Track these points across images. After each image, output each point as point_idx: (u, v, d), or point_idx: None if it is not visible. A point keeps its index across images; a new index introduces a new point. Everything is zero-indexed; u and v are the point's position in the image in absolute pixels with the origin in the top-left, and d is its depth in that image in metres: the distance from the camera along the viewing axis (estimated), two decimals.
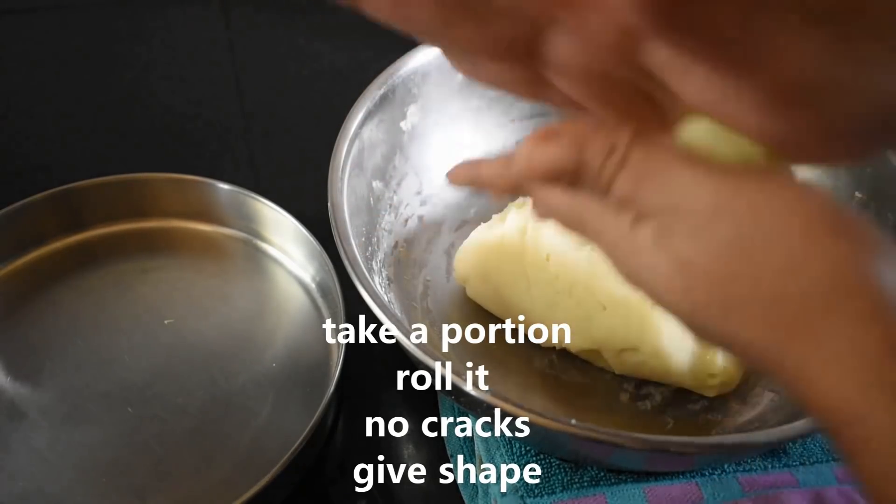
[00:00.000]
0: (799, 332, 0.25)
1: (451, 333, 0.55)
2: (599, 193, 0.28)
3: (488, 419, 0.47)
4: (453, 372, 0.43)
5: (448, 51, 0.28)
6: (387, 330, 0.45)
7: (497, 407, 0.42)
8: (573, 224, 0.30)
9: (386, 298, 0.50)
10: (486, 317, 0.56)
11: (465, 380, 0.42)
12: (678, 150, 0.27)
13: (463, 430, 0.52)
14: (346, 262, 0.48)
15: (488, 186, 0.31)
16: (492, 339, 0.55)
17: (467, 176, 0.32)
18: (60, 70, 0.77)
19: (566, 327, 0.52)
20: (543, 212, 0.30)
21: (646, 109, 0.28)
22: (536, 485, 0.46)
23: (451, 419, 0.52)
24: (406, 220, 0.59)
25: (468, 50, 0.28)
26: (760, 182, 0.26)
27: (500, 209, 0.58)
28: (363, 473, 0.52)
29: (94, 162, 0.69)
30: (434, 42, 0.28)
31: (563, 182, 0.28)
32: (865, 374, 0.23)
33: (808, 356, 0.25)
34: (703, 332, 0.28)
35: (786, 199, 0.25)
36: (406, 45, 0.58)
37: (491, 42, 0.27)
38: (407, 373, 0.55)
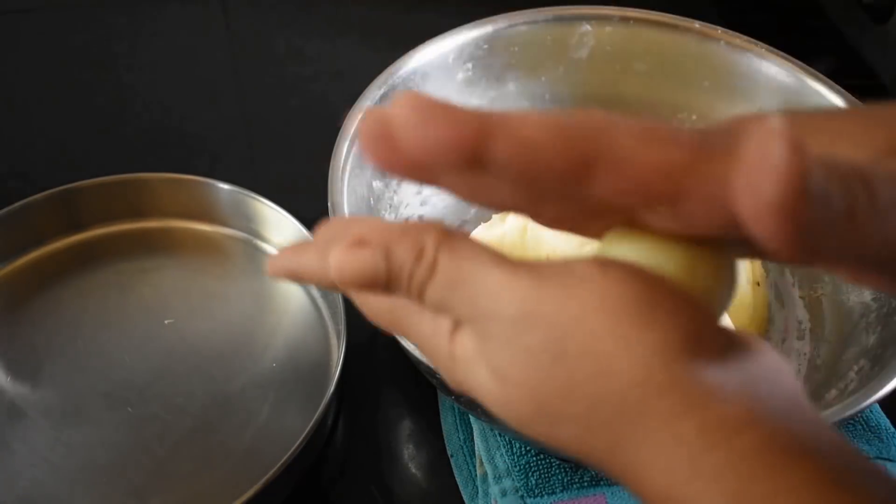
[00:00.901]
0: (622, 433, 0.24)
1: None
2: (415, 300, 0.26)
3: (488, 419, 0.47)
4: None
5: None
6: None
7: None
8: (396, 329, 0.29)
9: None
10: None
11: None
12: (488, 250, 0.25)
13: (463, 430, 0.52)
14: None
15: (310, 283, 0.31)
16: None
17: (286, 270, 0.30)
18: (60, 70, 0.77)
19: None
20: (367, 315, 0.29)
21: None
22: (536, 485, 0.46)
23: (451, 419, 0.53)
24: (406, 220, 0.59)
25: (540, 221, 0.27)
26: (564, 279, 0.24)
27: None
28: (364, 473, 0.52)
29: (93, 162, 0.69)
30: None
31: (379, 289, 0.26)
32: (685, 466, 0.23)
33: (634, 454, 0.24)
34: (539, 440, 0.27)
35: (591, 294, 0.24)
36: (406, 45, 0.58)
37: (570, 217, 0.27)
38: (407, 373, 0.55)
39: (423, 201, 0.60)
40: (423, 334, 0.28)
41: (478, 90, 0.62)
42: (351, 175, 0.53)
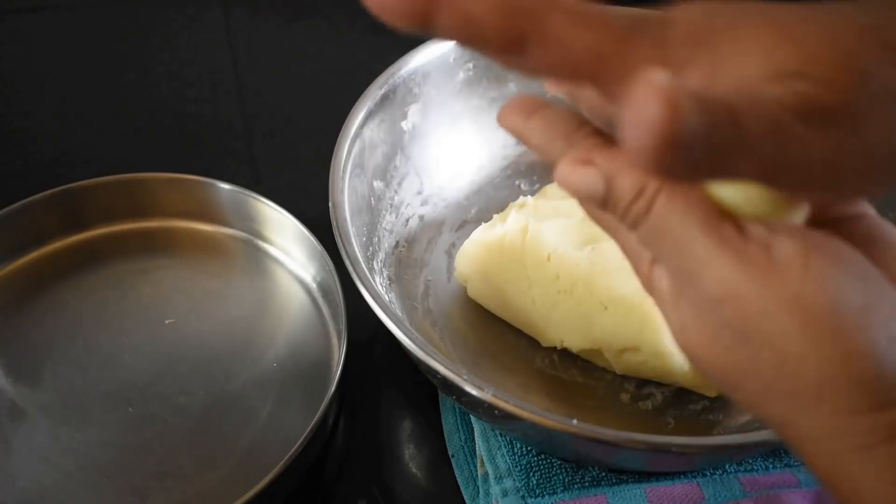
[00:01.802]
0: (797, 412, 0.27)
1: (452, 333, 0.55)
2: (625, 226, 0.28)
3: (489, 419, 0.47)
4: (454, 372, 0.43)
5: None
6: (388, 330, 0.45)
7: (498, 407, 0.42)
8: (604, 229, 0.31)
9: (387, 298, 0.50)
10: (487, 316, 0.56)
11: (465, 380, 0.42)
12: (701, 209, 0.27)
13: (464, 430, 0.52)
14: (347, 262, 0.48)
15: (533, 149, 0.32)
16: (493, 339, 0.55)
17: (513, 128, 0.32)
18: (60, 70, 0.77)
19: (567, 327, 0.52)
20: (582, 203, 0.31)
21: None
22: (537, 485, 0.46)
23: (451, 419, 0.52)
24: (407, 220, 0.59)
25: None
26: (767, 266, 0.26)
27: (500, 209, 0.58)
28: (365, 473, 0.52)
29: (94, 162, 0.69)
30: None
31: (595, 205, 0.28)
32: (854, 452, 0.26)
33: (805, 430, 0.27)
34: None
35: (787, 290, 0.26)
36: (406, 45, 0.58)
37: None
38: (408, 373, 0.55)
39: (423, 201, 0.60)
40: (627, 247, 0.30)
41: (478, 90, 0.62)
42: (351, 175, 0.53)
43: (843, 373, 0.26)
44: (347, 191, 0.52)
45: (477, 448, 0.50)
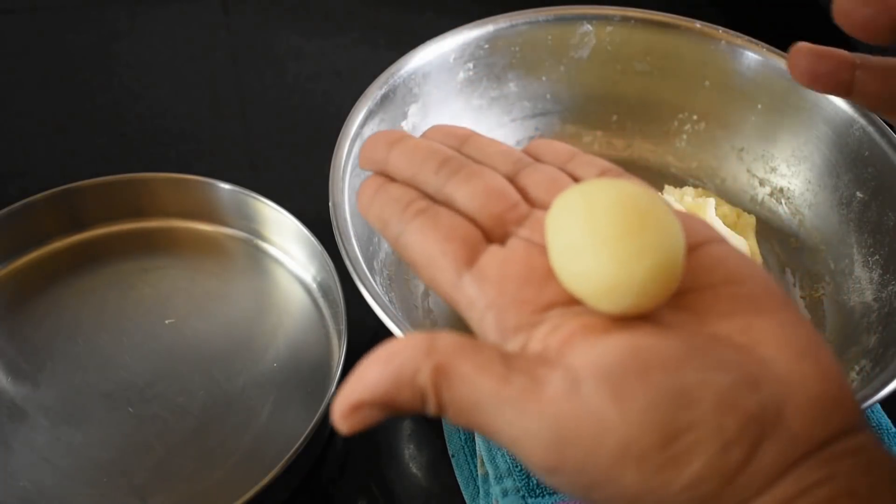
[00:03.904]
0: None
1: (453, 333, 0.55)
2: None
3: None
4: None
5: None
6: (388, 330, 0.45)
7: None
8: None
9: (387, 298, 0.50)
10: None
11: None
12: (487, 380, 0.26)
13: (464, 430, 0.52)
14: (347, 262, 0.47)
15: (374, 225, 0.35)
16: None
17: (364, 204, 0.34)
18: (60, 69, 0.77)
19: None
20: None
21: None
22: (538, 485, 0.46)
23: None
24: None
25: None
26: (581, 428, 0.25)
27: None
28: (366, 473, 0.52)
29: (94, 162, 0.69)
30: None
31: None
32: None
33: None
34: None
35: (608, 443, 0.25)
36: (406, 45, 0.58)
37: None
38: None
39: None
40: None
41: (479, 90, 0.62)
42: (352, 175, 0.53)
43: (686, 500, 0.25)
44: (347, 191, 0.51)
45: (477, 448, 0.50)
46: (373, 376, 0.27)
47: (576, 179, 0.33)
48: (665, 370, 0.25)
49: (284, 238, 0.60)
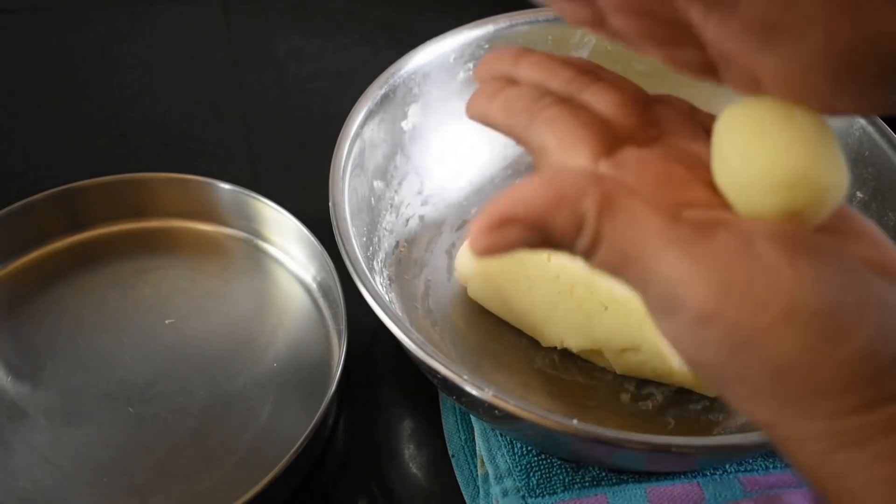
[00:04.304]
0: (784, 414, 0.26)
1: (453, 333, 0.55)
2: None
3: (489, 419, 0.47)
4: (454, 372, 0.43)
5: None
6: (388, 330, 0.45)
7: (498, 407, 0.42)
8: None
9: (387, 298, 0.50)
10: (488, 317, 0.56)
11: (466, 380, 0.42)
12: (653, 216, 0.25)
13: (464, 429, 0.52)
14: (347, 262, 0.48)
15: (501, 131, 0.32)
16: (493, 339, 0.55)
17: (480, 113, 0.32)
18: (60, 69, 0.77)
19: (567, 327, 0.52)
20: None
21: (693, 53, 0.28)
22: (538, 485, 0.46)
23: (452, 419, 0.52)
24: (407, 220, 0.59)
25: None
26: (750, 275, 0.25)
27: None
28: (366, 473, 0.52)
29: (94, 162, 0.69)
30: None
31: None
32: (845, 448, 0.25)
33: (793, 431, 0.26)
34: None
35: (780, 303, 0.24)
36: (406, 45, 0.58)
37: None
38: (408, 373, 0.55)
39: (423, 201, 0.60)
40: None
41: None
42: (352, 175, 0.53)
43: (839, 375, 0.24)
44: (347, 191, 0.52)
45: (477, 448, 0.50)
46: (531, 192, 0.25)
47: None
48: (839, 256, 0.25)
49: (284, 238, 0.60)
